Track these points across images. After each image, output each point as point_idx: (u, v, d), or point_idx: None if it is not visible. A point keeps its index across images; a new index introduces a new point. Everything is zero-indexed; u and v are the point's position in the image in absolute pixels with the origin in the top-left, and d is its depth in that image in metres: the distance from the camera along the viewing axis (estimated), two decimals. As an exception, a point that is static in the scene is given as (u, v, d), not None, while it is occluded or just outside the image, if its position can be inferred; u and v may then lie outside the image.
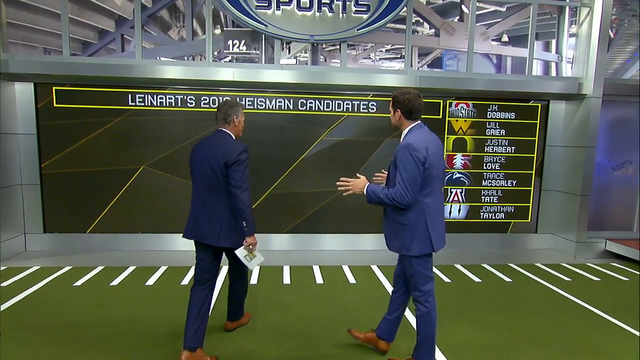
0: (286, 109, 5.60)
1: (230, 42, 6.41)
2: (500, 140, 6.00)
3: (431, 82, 5.45)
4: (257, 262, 3.06)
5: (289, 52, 8.64)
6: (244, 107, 3.78)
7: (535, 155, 6.07)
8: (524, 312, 3.95)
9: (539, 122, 6.02)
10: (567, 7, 6.31)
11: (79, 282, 4.43)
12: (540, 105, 6.01)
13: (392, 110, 2.68)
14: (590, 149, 5.63)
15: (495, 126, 5.98)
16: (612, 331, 3.61)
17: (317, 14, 5.23)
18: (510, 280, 4.82)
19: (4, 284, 4.30)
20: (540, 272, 5.15)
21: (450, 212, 6.04)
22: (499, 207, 6.12)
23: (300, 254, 5.61)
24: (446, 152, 5.90)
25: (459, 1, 8.33)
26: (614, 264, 5.52)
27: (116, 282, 4.47)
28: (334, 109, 5.68)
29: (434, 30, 7.90)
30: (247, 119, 5.46)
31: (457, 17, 8.22)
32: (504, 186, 6.08)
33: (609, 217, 6.26)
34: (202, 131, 5.48)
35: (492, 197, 6.10)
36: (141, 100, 5.35)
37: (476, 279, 4.83)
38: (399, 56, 16.34)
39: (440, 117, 5.85)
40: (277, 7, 5.14)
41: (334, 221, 5.85)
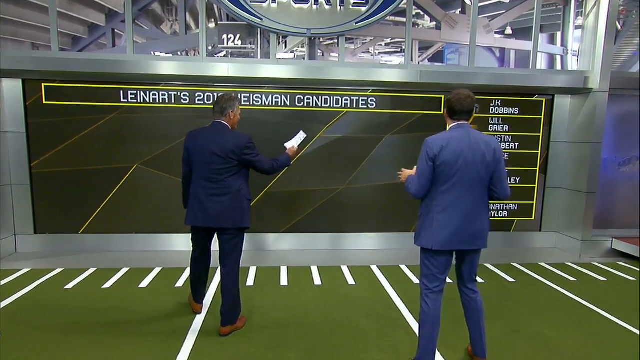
0: (283, 105, 5.44)
1: (224, 37, 6.24)
2: (503, 136, 5.84)
3: (432, 77, 5.28)
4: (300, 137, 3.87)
5: (286, 46, 8.46)
6: (240, 102, 3.77)
7: (539, 151, 5.91)
8: (527, 313, 3.81)
9: (543, 117, 5.86)
10: (573, -2, 6.15)
11: (70, 285, 4.31)
12: (544, 99, 5.84)
13: (444, 108, 2.75)
14: (596, 144, 5.47)
15: (498, 122, 5.81)
16: (617, 333, 3.48)
17: (314, 7, 5.06)
18: (513, 280, 4.68)
19: (-8, 288, 4.19)
20: (544, 271, 5.01)
21: (452, 210, 5.89)
22: (502, 204, 5.96)
23: (298, 254, 5.48)
24: (448, 148, 5.74)
25: (460, -7, 8.18)
26: (621, 263, 5.38)
27: (108, 285, 4.35)
28: (332, 105, 5.52)
29: (435, 23, 7.73)
30: (243, 116, 5.36)
31: (459, 10, 8.02)
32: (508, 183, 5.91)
33: (615, 214, 6.10)
34: (196, 128, 5.31)
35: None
36: (133, 96, 5.20)
37: (479, 280, 4.69)
38: (399, 50, 16.12)
39: (441, 112, 5.68)
40: (273, 0, 4.97)
41: (332, 220, 5.71)
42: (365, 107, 5.56)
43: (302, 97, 5.46)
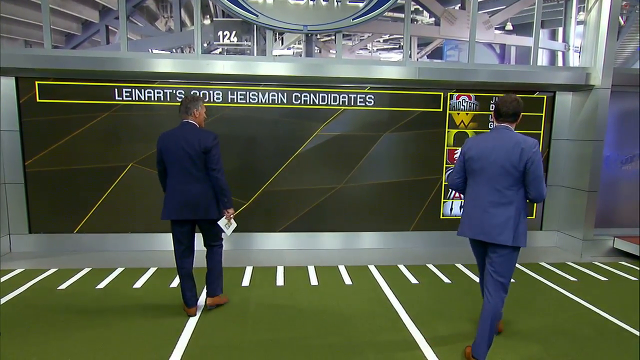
0: (280, 102, 5.37)
1: (220, 33, 6.16)
2: (503, 133, 5.75)
3: (431, 74, 5.20)
4: (232, 228, 3.63)
5: (282, 43, 8.36)
6: (204, 100, 3.86)
7: (540, 149, 5.82)
8: (527, 314, 3.74)
9: (544, 114, 5.77)
10: (575, -7, 6.04)
11: (64, 285, 4.26)
12: (545, 96, 5.75)
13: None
14: (598, 142, 5.38)
15: (498, 119, 5.72)
16: (617, 334, 3.41)
17: (311, 3, 4.98)
18: (513, 280, 4.60)
19: (-15, 288, 4.14)
20: (544, 271, 4.93)
21: (451, 209, 5.82)
22: (502, 203, 5.87)
23: (295, 254, 5.42)
24: (446, 146, 5.67)
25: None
26: (623, 263, 5.30)
27: (103, 285, 4.31)
28: (329, 103, 5.44)
29: (434, 19, 7.62)
30: (239, 114, 5.32)
31: (459, 5, 7.90)
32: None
33: (617, 213, 6.01)
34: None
35: (495, 193, 5.86)
36: (128, 94, 5.14)
37: (477, 279, 4.61)
38: (398, 47, 15.97)
39: (440, 110, 5.61)
40: (269, -4, 4.90)
41: (330, 219, 5.64)
42: (363, 104, 5.48)
43: (299, 95, 5.39)
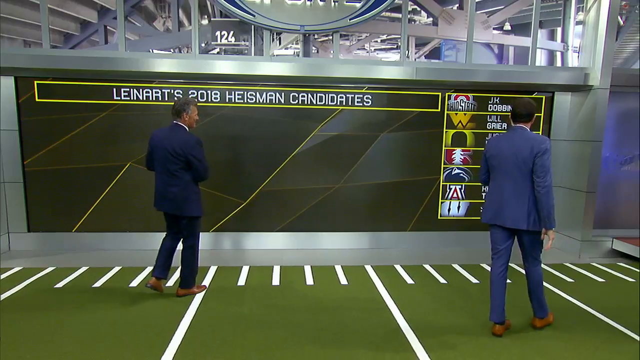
0: (277, 102, 5.38)
1: (218, 33, 6.17)
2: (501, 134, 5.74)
3: (428, 74, 5.20)
4: None
5: (280, 43, 8.37)
6: (196, 103, 3.88)
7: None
8: (520, 315, 3.73)
9: (543, 114, 5.74)
10: (574, -6, 6.02)
11: (61, 284, 4.29)
12: (544, 97, 5.73)
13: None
14: (597, 143, 5.36)
15: (496, 119, 5.71)
16: (611, 335, 3.40)
17: (308, 3, 4.99)
18: (509, 281, 4.58)
19: (-18, 286, 4.17)
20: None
21: (449, 210, 5.81)
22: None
23: (292, 254, 5.42)
24: (444, 146, 5.66)
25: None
26: (621, 264, 5.27)
27: (99, 284, 4.33)
28: (327, 103, 5.45)
29: (432, 19, 7.59)
30: (237, 114, 5.33)
31: (457, 5, 7.89)
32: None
33: (616, 214, 5.98)
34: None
35: (493, 194, 5.84)
36: (126, 94, 5.16)
37: (474, 280, 4.61)
38: (395, 47, 15.96)
39: (438, 110, 5.60)
40: (266, -4, 4.92)
41: (328, 219, 5.64)
42: (360, 104, 5.48)
43: (297, 95, 5.39)
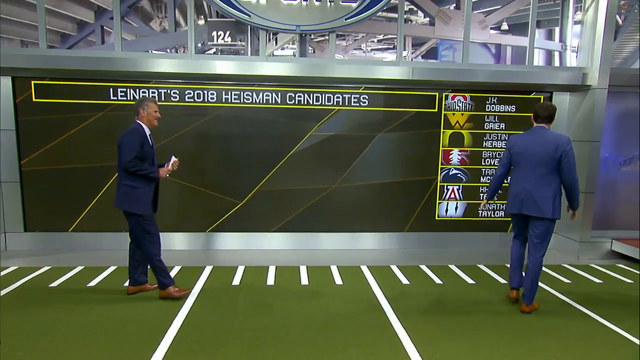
0: (274, 102, 5.38)
1: (214, 34, 6.18)
2: (499, 134, 5.71)
3: (425, 74, 5.19)
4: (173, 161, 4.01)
5: (276, 43, 8.38)
6: (155, 100, 3.91)
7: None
8: (515, 315, 3.70)
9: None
10: (572, -7, 5.98)
11: (56, 283, 4.29)
12: (542, 97, 5.70)
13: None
14: (595, 143, 5.32)
15: (494, 120, 5.69)
16: (605, 335, 3.36)
17: (304, 3, 4.99)
18: (505, 282, 4.55)
19: (-23, 285, 4.18)
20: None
21: (446, 210, 5.78)
22: (498, 204, 5.83)
23: (288, 254, 5.41)
24: (442, 147, 5.64)
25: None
26: (620, 265, 5.22)
27: (93, 283, 4.33)
28: (323, 103, 5.44)
29: (428, 19, 7.57)
30: (233, 114, 5.33)
31: (454, 5, 7.87)
32: (504, 183, 5.77)
33: (616, 215, 5.93)
34: (186, 126, 5.30)
35: (491, 194, 5.81)
36: (123, 94, 5.18)
37: (470, 280, 4.58)
38: (392, 47, 15.94)
39: (435, 110, 5.57)
40: (262, -4, 4.92)
41: (324, 220, 5.62)
42: (357, 104, 5.47)
43: (293, 95, 5.39)
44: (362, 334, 3.33)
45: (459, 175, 5.74)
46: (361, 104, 5.48)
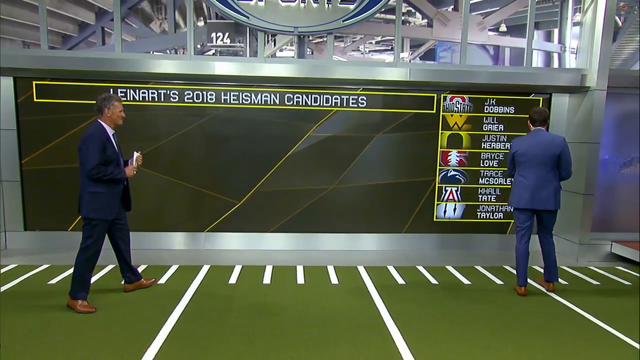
0: (272, 103, 5.41)
1: (213, 35, 6.25)
2: (498, 136, 5.71)
3: (422, 75, 5.20)
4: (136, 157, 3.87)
5: (275, 44, 8.45)
6: (119, 99, 3.80)
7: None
8: (511, 316, 3.68)
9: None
10: (572, -5, 5.98)
11: (54, 280, 4.33)
12: (542, 98, 5.69)
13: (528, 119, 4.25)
14: (594, 144, 5.30)
15: (493, 121, 5.68)
16: (600, 336, 3.34)
17: (302, 5, 5.03)
18: (502, 283, 4.54)
19: (-24, 282, 4.23)
20: (536, 274, 4.83)
21: (445, 212, 5.77)
22: (497, 206, 5.82)
23: (285, 254, 5.42)
24: (440, 148, 5.64)
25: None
26: (619, 268, 5.18)
27: (92, 281, 4.33)
28: (322, 104, 5.46)
29: (426, 20, 7.59)
30: (232, 115, 5.37)
31: (452, 7, 7.88)
32: (503, 184, 5.78)
33: (617, 217, 5.90)
34: (185, 126, 5.34)
35: (489, 196, 5.80)
36: (123, 94, 5.23)
37: (465, 281, 4.57)
38: (390, 48, 15.98)
39: (434, 111, 5.58)
40: (260, -2, 4.97)
41: (322, 220, 5.63)
42: (355, 105, 5.49)
43: (292, 96, 5.42)
44: (354, 331, 3.34)
45: (458, 176, 5.73)
46: (359, 105, 5.50)
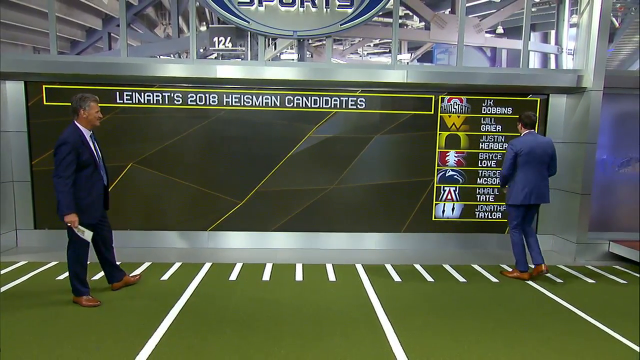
0: (273, 105, 5.55)
1: (215, 39, 6.43)
2: (496, 136, 5.78)
3: (419, 77, 5.30)
4: (87, 235, 3.59)
5: (275, 48, 8.62)
6: (96, 99, 3.71)
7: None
8: (506, 313, 3.76)
9: (538, 117, 5.75)
10: (568, -4, 6.04)
11: (62, 277, 4.49)
12: (539, 99, 5.75)
13: (518, 122, 4.70)
14: (591, 145, 5.35)
15: (490, 122, 5.75)
16: (594, 335, 3.40)
17: (301, 9, 5.16)
18: (497, 280, 4.61)
19: (-12, 277, 4.41)
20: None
21: (443, 211, 5.85)
22: (495, 206, 5.88)
23: (285, 253, 5.54)
24: (438, 148, 5.72)
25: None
26: (617, 267, 5.21)
27: (97, 277, 4.51)
28: (321, 105, 5.59)
29: (424, 23, 7.68)
30: (233, 116, 5.51)
31: (449, 10, 7.97)
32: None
33: (614, 217, 5.92)
34: (189, 128, 5.50)
35: (487, 196, 5.87)
36: (129, 97, 5.41)
37: (461, 279, 4.64)
38: (388, 51, 16.09)
39: (432, 112, 5.67)
40: (260, 3, 5.11)
41: (322, 220, 5.75)
42: (354, 107, 5.61)
43: (292, 98, 5.55)
44: (348, 326, 3.44)
45: (456, 176, 5.81)
46: (358, 106, 5.61)
